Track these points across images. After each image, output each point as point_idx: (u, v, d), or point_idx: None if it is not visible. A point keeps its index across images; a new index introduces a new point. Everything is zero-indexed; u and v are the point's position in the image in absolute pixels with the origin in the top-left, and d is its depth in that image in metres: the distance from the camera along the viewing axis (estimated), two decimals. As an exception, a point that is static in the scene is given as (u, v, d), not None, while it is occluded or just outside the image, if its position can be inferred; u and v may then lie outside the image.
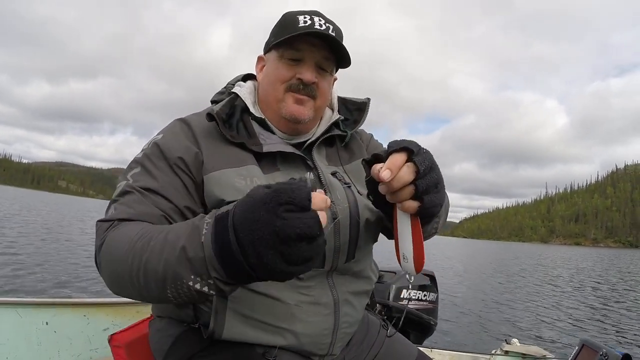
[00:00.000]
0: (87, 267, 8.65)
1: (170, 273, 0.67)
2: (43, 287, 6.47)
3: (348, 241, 0.99)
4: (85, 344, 1.75)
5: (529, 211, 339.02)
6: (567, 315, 8.79)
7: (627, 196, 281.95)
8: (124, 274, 0.74)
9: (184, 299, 0.70)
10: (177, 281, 0.67)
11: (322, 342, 0.98)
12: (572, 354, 2.03)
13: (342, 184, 1.04)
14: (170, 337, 1.01)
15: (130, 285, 0.75)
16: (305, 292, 0.95)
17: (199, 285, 0.66)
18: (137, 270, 0.72)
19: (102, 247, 0.81)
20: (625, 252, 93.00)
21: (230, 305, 0.90)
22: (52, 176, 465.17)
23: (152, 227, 0.78)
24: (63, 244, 12.40)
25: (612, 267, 29.56)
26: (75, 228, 19.47)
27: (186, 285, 0.67)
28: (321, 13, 1.02)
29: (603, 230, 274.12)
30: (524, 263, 28.53)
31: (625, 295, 13.08)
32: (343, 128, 1.14)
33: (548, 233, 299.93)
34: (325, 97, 1.07)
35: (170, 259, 0.67)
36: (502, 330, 6.89)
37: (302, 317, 0.94)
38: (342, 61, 1.06)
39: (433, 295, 2.54)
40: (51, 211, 32.79)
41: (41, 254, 9.69)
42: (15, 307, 1.62)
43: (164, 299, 0.72)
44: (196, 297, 0.69)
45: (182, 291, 0.68)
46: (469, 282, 13.72)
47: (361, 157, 1.12)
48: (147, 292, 0.73)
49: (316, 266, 0.95)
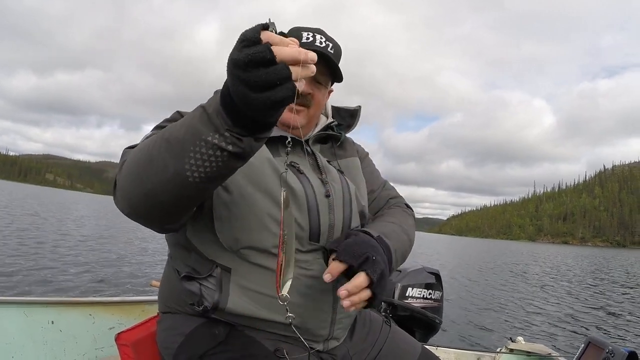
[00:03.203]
0: (91, 266, 8.59)
1: (190, 133, 0.71)
2: (48, 286, 6.40)
3: (342, 219, 1.07)
4: (91, 343, 1.75)
5: (517, 209, 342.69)
6: (572, 313, 8.84)
7: (614, 196, 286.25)
8: (144, 159, 0.78)
9: (204, 165, 0.72)
10: (197, 140, 0.70)
11: (323, 320, 1.03)
12: (579, 351, 2.05)
13: (336, 170, 1.16)
14: (180, 336, 1.02)
15: (150, 170, 0.77)
16: (305, 267, 1.00)
17: (217, 139, 0.70)
18: (158, 147, 0.75)
19: (124, 163, 0.85)
20: (617, 252, 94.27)
21: (234, 278, 0.96)
22: (40, 169, 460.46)
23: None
24: (67, 241, 12.26)
25: (615, 265, 29.89)
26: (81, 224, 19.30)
27: (205, 142, 0.70)
28: (324, 31, 1.12)
29: (591, 230, 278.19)
30: (523, 261, 28.86)
31: (630, 292, 13.25)
32: (337, 131, 1.25)
33: (536, 231, 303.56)
34: (319, 107, 1.16)
35: (192, 121, 0.72)
36: (507, 328, 6.91)
37: (302, 289, 0.99)
38: (337, 77, 1.15)
39: (438, 294, 2.55)
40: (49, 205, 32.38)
41: (47, 252, 9.55)
42: (21, 306, 1.62)
43: (181, 172, 0.72)
44: (217, 158, 0.71)
45: (202, 151, 0.71)
46: (472, 280, 13.81)
47: (353, 156, 1.26)
48: (163, 171, 0.75)
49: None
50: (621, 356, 1.78)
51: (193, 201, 0.83)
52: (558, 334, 6.74)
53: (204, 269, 0.99)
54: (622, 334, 7.01)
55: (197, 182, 0.73)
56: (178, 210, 0.83)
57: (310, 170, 1.10)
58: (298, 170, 1.06)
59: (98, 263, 8.96)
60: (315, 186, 1.05)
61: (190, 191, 0.76)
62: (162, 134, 0.78)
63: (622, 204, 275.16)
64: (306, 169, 1.08)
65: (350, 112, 1.32)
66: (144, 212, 0.82)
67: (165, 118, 1.04)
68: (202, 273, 0.99)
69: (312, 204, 1.02)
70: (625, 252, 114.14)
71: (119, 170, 0.86)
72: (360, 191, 1.20)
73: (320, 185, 1.07)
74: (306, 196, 1.02)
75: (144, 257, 10.89)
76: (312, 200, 1.02)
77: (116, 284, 7.07)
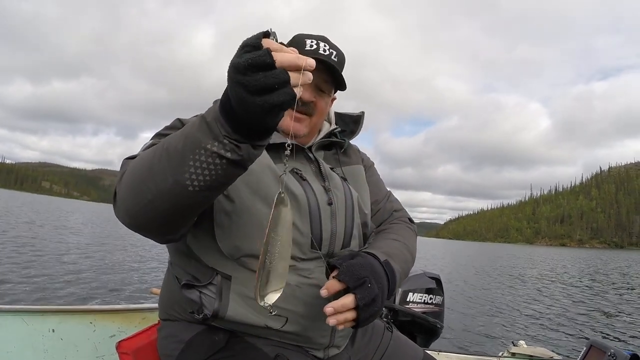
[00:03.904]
0: (92, 273, 8.54)
1: (189, 142, 0.72)
2: (48, 294, 6.35)
3: (344, 227, 1.07)
4: (91, 351, 1.73)
5: (514, 212, 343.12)
6: (573, 316, 8.82)
7: (611, 198, 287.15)
8: (144, 169, 0.78)
9: (204, 173, 0.72)
10: (196, 149, 0.71)
11: (323, 328, 1.01)
12: (580, 355, 2.04)
13: (339, 177, 1.15)
14: (180, 343, 1.02)
15: (150, 180, 0.76)
16: (306, 275, 0.99)
17: (216, 147, 0.70)
18: (158, 157, 0.75)
19: (125, 172, 0.84)
20: (616, 253, 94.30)
21: (234, 286, 0.95)
22: (36, 177, 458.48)
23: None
24: (67, 249, 12.21)
25: (614, 267, 29.84)
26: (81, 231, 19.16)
27: (205, 150, 0.70)
28: (327, 39, 1.12)
29: (588, 232, 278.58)
30: (522, 264, 28.81)
31: (630, 294, 13.24)
32: (341, 137, 1.25)
33: (533, 234, 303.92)
34: (322, 115, 1.15)
35: (191, 130, 0.73)
36: (509, 332, 6.89)
37: (303, 298, 0.98)
38: (340, 85, 1.14)
39: (439, 299, 2.54)
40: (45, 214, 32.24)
41: (46, 261, 9.49)
42: (21, 314, 1.61)
43: (181, 181, 0.72)
44: (216, 166, 0.71)
45: (202, 159, 0.71)
46: (472, 284, 13.78)
47: (358, 164, 1.27)
48: (163, 181, 0.74)
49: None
50: (623, 359, 1.78)
51: (193, 211, 0.83)
52: (560, 337, 6.72)
53: (204, 276, 0.98)
54: (623, 337, 7.00)
55: (197, 192, 0.73)
56: (178, 220, 0.83)
57: (313, 177, 1.10)
58: (301, 177, 1.06)
59: (98, 271, 8.92)
60: (318, 193, 1.05)
61: (190, 201, 0.76)
62: (161, 143, 0.78)
63: (619, 205, 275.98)
64: (309, 176, 1.08)
65: (354, 118, 1.32)
66: (144, 222, 0.82)
67: (166, 126, 1.03)
68: (202, 281, 0.98)
69: (314, 211, 1.02)
70: (624, 253, 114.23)
71: (118, 180, 0.85)
72: (364, 199, 1.20)
73: (323, 192, 1.07)
74: (308, 203, 1.02)
75: (144, 264, 10.85)
76: (315, 207, 1.02)
77: (117, 292, 7.04)
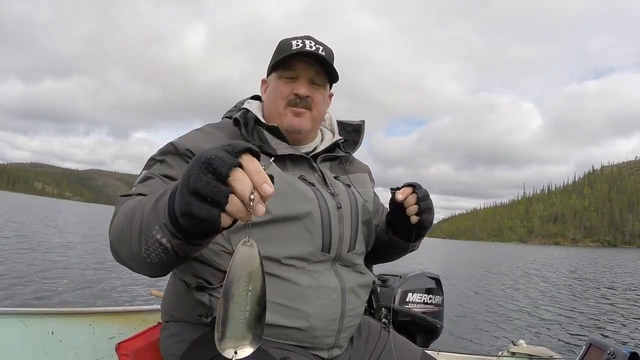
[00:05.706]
0: (92, 275, 8.47)
1: (145, 222, 0.71)
2: (47, 295, 6.28)
3: (350, 231, 1.12)
4: (91, 353, 1.72)
5: (507, 212, 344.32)
6: (573, 315, 8.82)
7: (604, 196, 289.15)
8: (119, 228, 0.80)
9: (155, 253, 0.72)
10: (146, 231, 0.70)
11: (331, 328, 1.04)
12: (580, 353, 2.05)
13: (343, 184, 1.20)
14: (185, 342, 1.03)
15: (124, 239, 0.78)
16: (315, 277, 1.03)
17: (160, 234, 0.68)
18: (129, 222, 0.77)
19: (116, 215, 0.87)
20: (609, 252, 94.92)
21: None
22: (28, 177, 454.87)
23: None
24: (64, 250, 12.07)
25: (613, 266, 29.90)
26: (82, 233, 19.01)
27: (152, 237, 0.69)
28: (313, 37, 1.16)
29: (582, 230, 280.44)
30: (516, 263, 28.80)
31: (630, 293, 13.26)
32: (344, 148, 1.30)
33: (527, 233, 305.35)
34: (320, 108, 1.19)
35: (146, 209, 0.72)
36: (509, 331, 6.89)
37: (313, 299, 1.01)
38: (333, 76, 1.19)
39: (439, 298, 2.55)
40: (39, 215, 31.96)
41: (44, 262, 9.37)
42: (20, 316, 1.59)
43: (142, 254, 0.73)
44: (160, 252, 0.71)
45: (150, 243, 0.70)
46: (470, 283, 13.79)
47: (363, 172, 1.33)
48: (130, 246, 0.76)
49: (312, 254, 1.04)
50: (623, 357, 1.79)
51: (170, 268, 0.82)
52: (559, 336, 6.73)
53: (215, 279, 0.98)
54: (622, 335, 7.03)
55: (156, 263, 0.74)
56: (164, 270, 0.82)
57: (319, 184, 1.13)
58: (310, 183, 1.10)
59: (97, 272, 8.83)
60: (327, 199, 1.09)
61: (160, 265, 0.76)
62: (133, 208, 0.78)
63: (612, 204, 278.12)
64: (316, 183, 1.12)
65: (354, 127, 1.36)
66: (132, 268, 0.84)
67: (160, 149, 1.04)
68: (214, 284, 0.98)
69: (325, 215, 1.06)
70: (617, 251, 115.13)
71: (110, 222, 0.88)
72: (368, 202, 1.25)
73: (331, 197, 1.11)
74: (319, 207, 1.05)
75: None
76: (325, 212, 1.06)
77: (116, 293, 6.98)
